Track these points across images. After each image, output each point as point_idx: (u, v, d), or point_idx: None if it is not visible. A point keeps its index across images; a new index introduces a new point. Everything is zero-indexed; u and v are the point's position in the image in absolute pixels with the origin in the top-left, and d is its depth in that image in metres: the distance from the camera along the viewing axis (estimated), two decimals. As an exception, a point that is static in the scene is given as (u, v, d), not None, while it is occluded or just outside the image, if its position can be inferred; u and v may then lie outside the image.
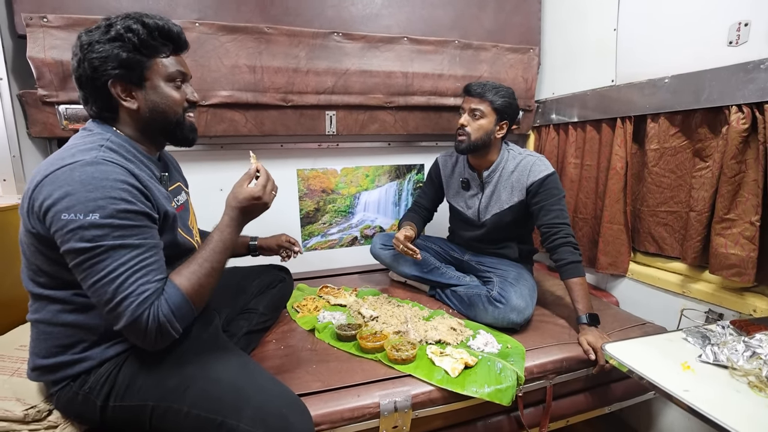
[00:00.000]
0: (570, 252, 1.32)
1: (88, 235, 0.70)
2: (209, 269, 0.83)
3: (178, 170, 1.11)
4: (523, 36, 1.91)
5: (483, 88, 1.42)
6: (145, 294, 0.73)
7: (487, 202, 1.53)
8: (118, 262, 0.72)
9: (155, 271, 0.77)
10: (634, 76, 1.49)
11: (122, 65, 0.81)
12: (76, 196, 0.70)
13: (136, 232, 0.75)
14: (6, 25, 1.33)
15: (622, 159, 1.52)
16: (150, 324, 0.74)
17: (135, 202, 0.76)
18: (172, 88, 0.88)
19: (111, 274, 0.72)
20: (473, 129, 1.43)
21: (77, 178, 0.72)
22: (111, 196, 0.72)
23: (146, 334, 0.75)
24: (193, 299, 0.80)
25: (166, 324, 0.76)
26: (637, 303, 1.54)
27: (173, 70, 0.88)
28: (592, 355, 1.16)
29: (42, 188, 0.72)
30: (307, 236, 1.89)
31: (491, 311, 1.34)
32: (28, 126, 1.39)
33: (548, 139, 1.93)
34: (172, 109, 0.89)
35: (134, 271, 0.73)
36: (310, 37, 1.58)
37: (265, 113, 1.60)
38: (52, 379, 0.84)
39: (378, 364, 1.15)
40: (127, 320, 0.73)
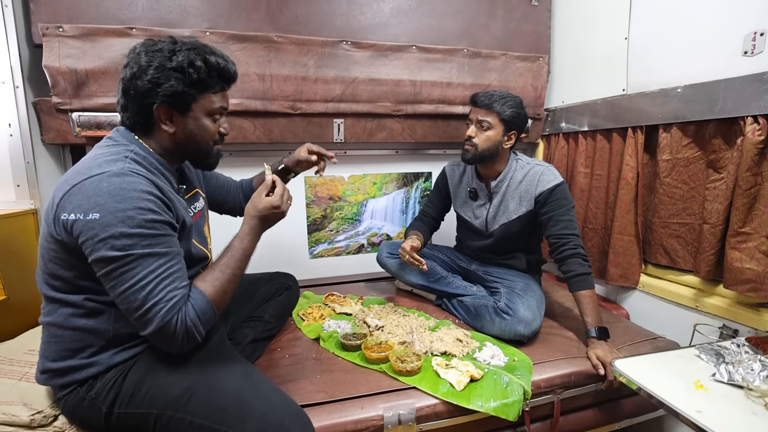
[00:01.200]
0: (579, 264, 1.30)
1: (118, 245, 0.73)
2: (231, 275, 0.87)
3: (197, 177, 1.13)
4: (532, 44, 1.90)
5: (490, 99, 1.39)
6: (173, 300, 0.77)
7: (495, 212, 1.52)
8: (147, 270, 0.75)
9: (180, 278, 0.80)
10: (645, 86, 1.47)
11: (174, 95, 0.84)
12: (105, 207, 0.73)
13: (162, 241, 0.78)
14: (23, 35, 1.36)
15: (633, 169, 1.50)
16: (178, 328, 0.77)
17: (160, 212, 0.79)
18: (210, 121, 0.91)
19: (141, 282, 0.74)
20: (481, 140, 1.41)
21: (105, 189, 0.74)
22: (139, 207, 0.75)
23: (174, 338, 0.78)
24: (216, 304, 0.84)
25: (192, 328, 0.79)
26: (648, 316, 1.51)
27: (218, 107, 0.91)
28: (601, 370, 1.14)
29: (70, 197, 0.75)
30: (314, 243, 1.89)
31: (498, 323, 1.32)
32: (42, 133, 1.42)
33: (557, 148, 1.91)
34: (205, 139, 0.92)
35: (162, 279, 0.76)
36: (319, 45, 1.59)
37: (273, 121, 1.61)
38: (60, 383, 0.85)
39: (382, 376, 1.13)
40: (157, 326, 0.76)
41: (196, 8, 1.46)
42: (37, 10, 1.34)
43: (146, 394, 0.83)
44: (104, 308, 0.83)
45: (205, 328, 0.83)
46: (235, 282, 0.89)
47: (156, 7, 1.42)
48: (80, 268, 0.78)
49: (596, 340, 1.21)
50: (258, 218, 0.92)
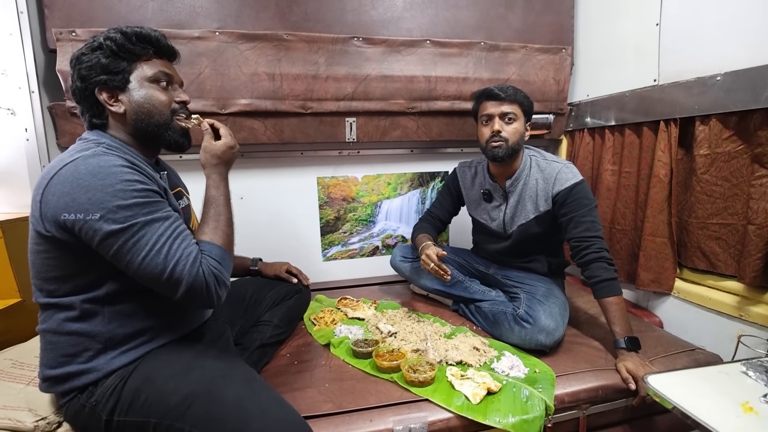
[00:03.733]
0: (603, 268, 1.20)
1: (119, 218, 0.73)
2: (226, 220, 0.89)
3: (178, 178, 1.13)
4: (554, 35, 1.80)
5: (510, 91, 1.33)
6: (192, 254, 0.78)
7: (512, 212, 1.43)
8: (157, 234, 0.76)
9: (188, 236, 0.81)
10: (679, 75, 1.35)
11: (105, 71, 0.84)
12: (92, 187, 0.73)
13: (159, 207, 0.79)
14: (38, 41, 1.38)
15: (666, 165, 1.39)
16: (208, 278, 0.79)
17: (147, 182, 0.79)
18: (157, 89, 0.89)
19: (156, 245, 0.75)
20: (509, 133, 1.32)
21: (84, 170, 0.74)
22: (125, 179, 0.75)
23: (208, 289, 0.79)
24: (227, 247, 0.87)
25: (219, 274, 0.82)
26: (684, 325, 1.39)
27: (155, 71, 0.89)
28: (632, 385, 1.04)
29: (51, 189, 0.75)
30: (327, 245, 1.85)
31: (517, 331, 1.24)
32: (57, 136, 1.44)
33: (582, 145, 1.81)
34: (157, 109, 0.89)
35: (174, 238, 0.78)
36: (330, 42, 1.55)
37: (284, 121, 1.58)
38: (60, 391, 0.84)
39: (393, 386, 1.08)
40: (187, 283, 0.77)
41: (206, 8, 1.45)
42: (51, 16, 1.35)
43: (145, 402, 0.80)
44: (98, 309, 0.82)
45: (228, 270, 0.85)
46: (231, 225, 0.91)
47: (166, 8, 1.42)
48: (73, 264, 0.79)
49: (626, 351, 1.12)
50: (223, 163, 0.93)
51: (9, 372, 1.02)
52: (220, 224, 0.88)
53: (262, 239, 1.71)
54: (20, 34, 1.32)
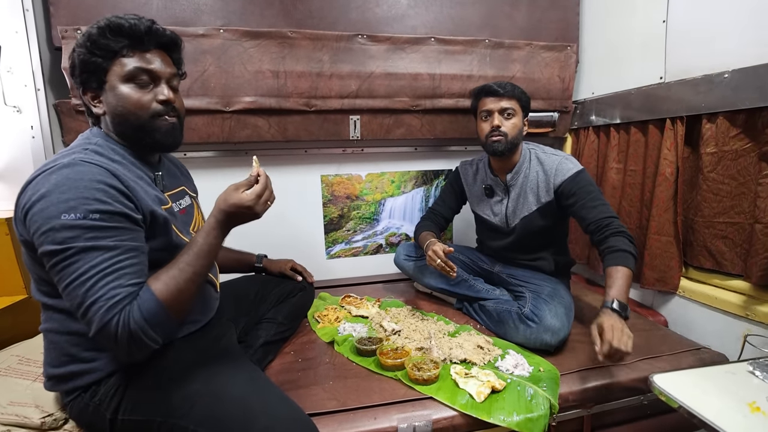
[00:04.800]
0: (624, 242, 1.17)
1: (59, 237, 0.68)
2: (191, 274, 0.77)
3: (185, 175, 1.09)
4: (559, 33, 1.79)
5: (509, 87, 1.37)
6: (115, 299, 0.69)
7: (514, 206, 1.44)
8: (88, 265, 0.69)
9: (129, 275, 0.72)
10: (686, 72, 1.34)
11: (84, 70, 0.80)
12: (49, 198, 0.69)
13: (110, 234, 0.71)
14: (44, 38, 1.38)
15: (672, 164, 1.38)
16: (120, 331, 0.69)
17: (111, 203, 0.72)
18: (132, 88, 0.81)
19: (81, 277, 0.68)
20: (509, 128, 1.36)
21: (53, 180, 0.70)
22: (84, 197, 0.70)
23: (117, 341, 0.69)
24: (170, 306, 0.74)
25: (138, 332, 0.70)
26: (689, 324, 1.38)
27: (130, 68, 0.80)
28: (597, 344, 0.98)
29: (25, 193, 0.73)
30: (331, 243, 1.85)
31: (522, 330, 1.24)
32: (63, 134, 1.44)
33: (587, 143, 1.80)
34: (132, 112, 0.82)
35: (105, 274, 0.69)
36: (334, 40, 1.54)
37: (288, 119, 1.58)
38: (64, 389, 0.84)
39: (398, 384, 1.08)
40: (96, 326, 0.69)
41: (210, 6, 1.45)
42: (56, 14, 1.36)
43: (149, 402, 0.80)
44: None
45: (157, 333, 0.73)
46: (196, 282, 0.78)
47: (170, 6, 1.42)
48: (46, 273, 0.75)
49: (609, 311, 1.06)
50: (225, 213, 0.81)
51: (16, 368, 1.02)
52: (182, 276, 0.76)
53: (265, 236, 1.69)
54: (26, 32, 1.33)
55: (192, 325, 0.96)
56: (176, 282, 0.75)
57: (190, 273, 0.77)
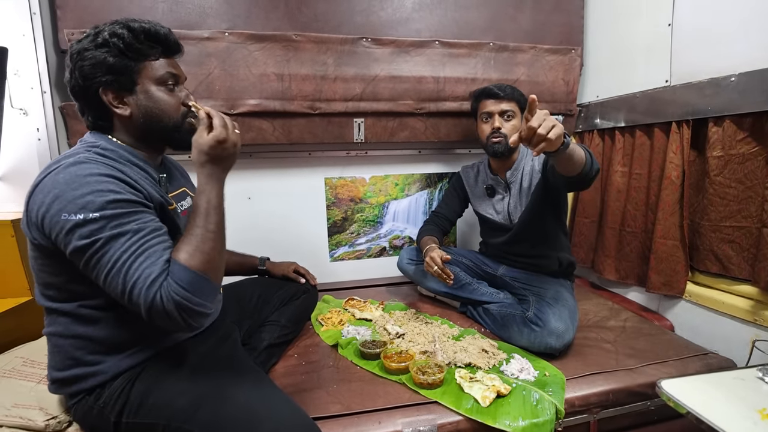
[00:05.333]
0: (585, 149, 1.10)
1: (85, 232, 0.69)
2: (204, 234, 0.76)
3: (184, 176, 1.09)
4: (564, 36, 1.79)
5: (509, 90, 1.42)
6: (152, 276, 0.70)
7: (515, 201, 1.47)
8: (120, 251, 0.70)
9: (159, 252, 0.73)
10: (692, 76, 1.34)
11: (111, 71, 0.80)
12: (64, 197, 0.70)
13: (132, 218, 0.73)
14: (51, 41, 1.39)
15: (678, 167, 1.37)
16: (167, 305, 0.70)
17: (123, 192, 0.74)
18: (164, 91, 0.86)
19: (116, 264, 0.70)
20: (508, 130, 1.40)
21: (62, 179, 0.71)
22: (97, 189, 0.71)
23: (170, 316, 0.71)
24: (201, 269, 0.73)
25: (183, 302, 0.70)
26: (696, 329, 1.37)
27: (163, 73, 0.85)
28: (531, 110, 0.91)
29: (34, 198, 0.73)
30: (335, 246, 1.85)
31: (527, 334, 1.23)
32: (69, 137, 1.44)
33: (592, 146, 1.79)
34: (166, 113, 0.86)
35: (137, 255, 0.71)
36: (338, 43, 1.55)
37: (292, 121, 1.58)
38: (68, 392, 0.84)
39: (402, 388, 1.07)
40: (145, 307, 0.70)
41: (215, 9, 1.45)
42: (63, 17, 1.36)
43: (154, 405, 0.80)
44: (100, 315, 0.80)
45: (203, 298, 0.73)
46: (214, 239, 0.76)
47: (176, 9, 1.42)
48: (67, 271, 0.76)
49: None
50: (208, 161, 0.78)
51: (20, 370, 1.02)
52: (196, 239, 0.75)
53: (269, 239, 1.71)
54: (33, 35, 1.33)
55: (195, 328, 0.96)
56: (194, 245, 0.75)
57: (203, 233, 0.76)
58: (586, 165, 1.08)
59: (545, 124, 0.90)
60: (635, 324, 1.41)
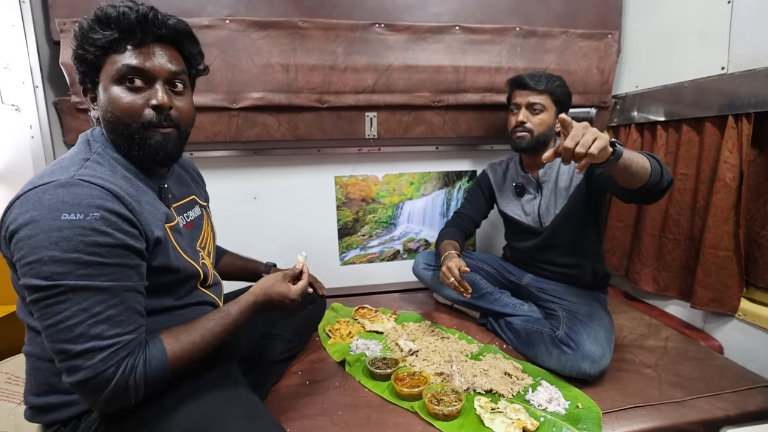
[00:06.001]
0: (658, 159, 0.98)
1: (45, 271, 0.59)
2: (209, 344, 0.75)
3: (196, 180, 0.99)
4: (599, 19, 1.61)
5: (539, 80, 1.28)
6: (114, 348, 0.62)
7: (548, 203, 1.33)
8: (78, 307, 0.60)
9: (125, 322, 0.64)
10: (756, 62, 1.15)
11: (78, 67, 0.72)
12: (39, 224, 0.59)
13: (106, 272, 0.62)
14: (42, 32, 1.31)
15: (735, 168, 1.20)
16: (114, 383, 0.61)
17: (111, 233, 0.62)
18: (122, 90, 0.70)
19: (69, 321, 0.60)
20: (535, 124, 1.29)
21: (46, 202, 0.60)
22: (80, 226, 0.60)
23: (101, 393, 0.62)
24: (174, 369, 0.69)
25: (131, 388, 0.63)
26: (751, 353, 1.20)
27: (119, 66, 0.69)
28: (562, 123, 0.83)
29: (12, 210, 0.63)
30: (345, 249, 1.74)
31: (556, 356, 1.10)
32: (63, 133, 1.37)
33: (628, 142, 1.62)
34: (120, 119, 0.70)
35: (99, 321, 0.61)
36: (349, 30, 1.41)
37: (299, 116, 1.46)
38: (43, 421, 0.76)
39: (414, 418, 0.96)
40: (86, 375, 0.60)
41: (215, -6, 1.34)
42: (54, 5, 1.28)
43: (133, 442, 0.71)
44: None
45: (147, 393, 0.66)
46: (210, 351, 0.75)
47: (173, -6, 1.31)
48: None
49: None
50: (269, 299, 0.85)
51: (3, 388, 0.96)
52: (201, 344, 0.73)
53: (275, 241, 1.61)
54: (23, 26, 1.25)
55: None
56: (193, 349, 0.72)
57: (209, 344, 0.75)
58: (652, 176, 0.94)
59: (584, 141, 0.80)
60: (678, 344, 1.25)
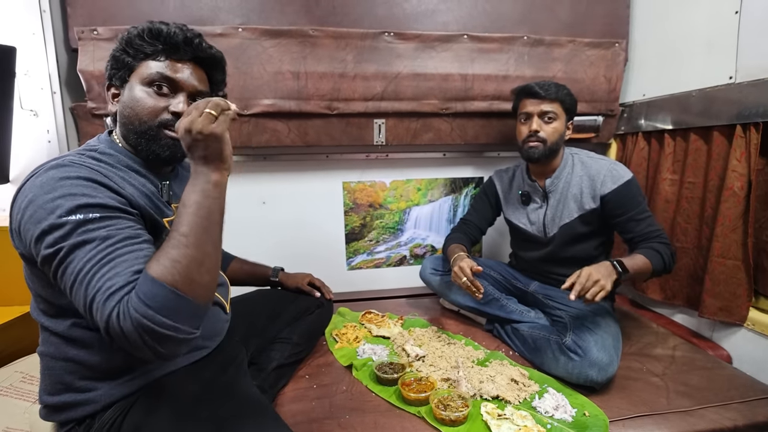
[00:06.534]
0: (665, 250, 1.17)
1: (50, 240, 0.62)
2: (180, 241, 0.63)
3: None
4: (606, 28, 1.62)
5: (550, 89, 1.28)
6: (111, 288, 0.60)
7: (554, 213, 1.33)
8: (83, 260, 0.61)
9: (128, 262, 0.62)
10: (764, 72, 1.16)
11: (113, 66, 0.80)
12: (36, 202, 0.64)
13: (103, 225, 0.64)
14: (61, 40, 1.34)
15: (743, 177, 1.20)
16: (123, 323, 0.58)
17: (98, 196, 0.66)
18: (147, 92, 0.77)
19: (79, 275, 0.61)
20: (548, 133, 1.28)
21: (38, 183, 0.65)
22: (70, 193, 0.64)
23: (129, 338, 0.59)
24: (170, 281, 0.60)
25: (143, 320, 0.58)
26: (759, 363, 1.19)
27: (153, 72, 0.77)
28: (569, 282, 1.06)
29: (15, 203, 0.67)
30: (352, 254, 1.75)
31: (563, 363, 1.10)
32: (79, 138, 1.40)
33: (636, 150, 1.62)
34: (138, 116, 0.77)
35: (102, 265, 0.61)
36: (358, 38, 1.44)
37: (308, 122, 1.49)
38: (57, 420, 0.78)
39: (421, 423, 0.96)
40: (102, 324, 0.60)
41: (228, 3, 1.37)
42: (74, 14, 1.32)
43: (145, 442, 0.72)
44: (93, 338, 0.73)
45: (172, 318, 0.60)
46: (193, 248, 0.63)
47: (187, 4, 1.35)
48: (52, 284, 0.67)
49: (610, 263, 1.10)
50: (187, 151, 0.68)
51: (17, 387, 0.98)
52: (170, 244, 0.63)
53: (284, 246, 1.63)
54: (43, 34, 1.29)
55: (197, 352, 0.88)
56: (166, 253, 0.62)
57: (177, 239, 0.63)
58: (654, 273, 1.16)
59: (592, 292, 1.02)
60: (686, 353, 1.25)
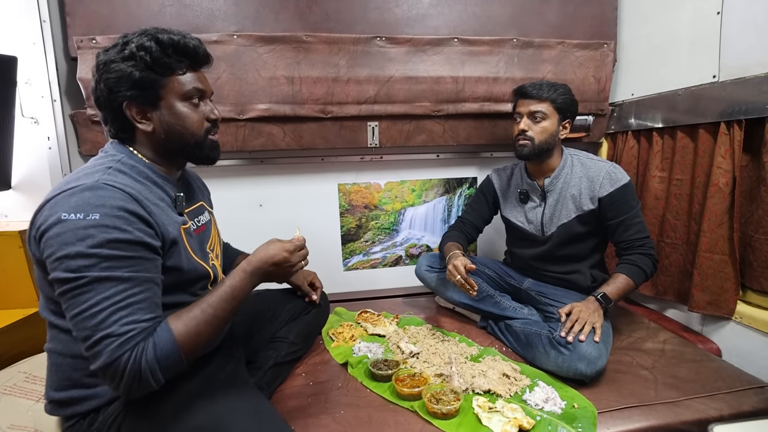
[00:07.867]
0: (645, 261, 1.24)
1: (73, 265, 0.65)
2: (211, 316, 0.75)
3: (201, 189, 1.05)
4: (595, 30, 1.65)
5: (540, 89, 1.30)
6: (128, 334, 0.66)
7: (552, 212, 1.36)
8: (101, 296, 0.66)
9: (144, 310, 0.69)
10: (745, 70, 1.19)
11: (136, 86, 0.77)
12: (67, 223, 0.66)
13: (127, 264, 0.68)
14: (61, 49, 1.38)
15: (728, 173, 1.22)
16: (129, 369, 0.66)
17: (131, 231, 0.69)
18: (189, 107, 0.83)
19: (93, 308, 0.65)
20: (536, 133, 1.30)
21: (73, 203, 0.68)
22: (103, 224, 0.67)
23: (121, 379, 0.66)
24: (185, 349, 0.72)
25: (146, 372, 0.67)
26: (747, 355, 1.22)
27: (189, 88, 0.82)
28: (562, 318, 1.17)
29: (42, 212, 0.70)
30: (348, 255, 1.78)
31: (554, 357, 1.12)
32: (79, 145, 1.43)
33: (626, 148, 1.65)
34: (189, 130, 0.83)
35: (119, 308, 0.66)
36: (351, 43, 1.47)
37: (303, 126, 1.52)
38: (63, 415, 0.80)
39: (414, 417, 0.99)
40: (104, 361, 0.65)
41: (223, 11, 1.40)
42: (73, 24, 1.35)
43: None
44: None
45: (164, 375, 0.70)
46: (216, 325, 0.76)
47: (184, 13, 1.38)
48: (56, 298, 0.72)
49: (593, 299, 1.21)
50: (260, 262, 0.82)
51: (21, 386, 1.00)
52: (202, 316, 0.74)
53: (281, 248, 1.65)
54: (43, 44, 1.32)
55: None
56: (196, 323, 0.74)
57: (210, 315, 0.76)
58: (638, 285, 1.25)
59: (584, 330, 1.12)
60: (676, 347, 1.27)
